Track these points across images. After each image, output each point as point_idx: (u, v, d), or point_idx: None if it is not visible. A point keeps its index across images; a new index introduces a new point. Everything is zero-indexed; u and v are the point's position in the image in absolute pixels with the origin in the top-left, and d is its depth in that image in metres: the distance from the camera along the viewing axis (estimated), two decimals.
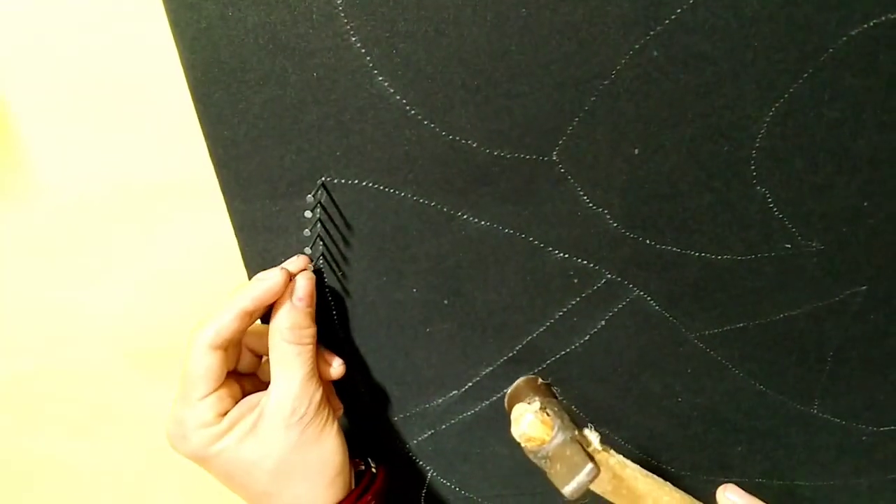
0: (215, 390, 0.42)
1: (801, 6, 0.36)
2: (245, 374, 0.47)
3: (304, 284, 0.43)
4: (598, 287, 0.45)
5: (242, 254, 0.45)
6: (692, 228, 0.43)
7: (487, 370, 0.49)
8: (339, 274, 0.46)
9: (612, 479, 0.43)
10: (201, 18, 0.38)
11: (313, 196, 0.42)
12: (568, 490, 0.39)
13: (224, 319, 0.41)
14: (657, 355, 0.48)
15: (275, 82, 0.39)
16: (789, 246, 0.43)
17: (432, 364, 0.49)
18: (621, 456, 0.44)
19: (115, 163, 0.46)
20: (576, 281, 0.45)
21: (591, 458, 0.40)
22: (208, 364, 0.41)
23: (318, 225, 0.43)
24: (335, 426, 0.45)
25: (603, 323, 0.47)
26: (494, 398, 0.50)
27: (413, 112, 0.39)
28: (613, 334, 0.47)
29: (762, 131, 0.39)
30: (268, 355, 0.44)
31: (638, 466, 0.44)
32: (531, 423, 0.42)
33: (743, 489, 0.46)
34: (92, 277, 0.52)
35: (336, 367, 0.46)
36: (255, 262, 0.45)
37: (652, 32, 0.37)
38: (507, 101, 0.39)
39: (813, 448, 0.51)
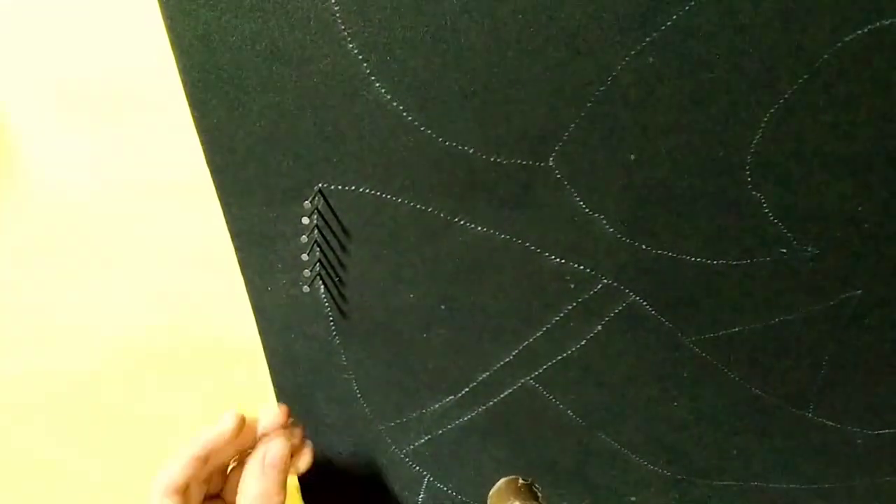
0: None
1: (797, 12, 0.36)
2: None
3: (277, 449, 0.43)
4: (595, 292, 0.45)
5: (239, 260, 0.45)
6: (688, 233, 0.43)
7: (484, 375, 0.49)
8: (336, 280, 0.46)
9: None
10: (199, 25, 0.38)
11: (310, 202, 0.42)
12: None
13: (176, 467, 0.43)
14: (653, 360, 0.48)
15: (272, 89, 0.39)
16: (784, 251, 0.43)
17: (429, 369, 0.49)
18: None
19: (112, 166, 0.46)
20: (572, 286, 0.45)
21: None
22: None
23: (315, 231, 0.43)
24: None
25: (599, 328, 0.47)
26: (490, 403, 0.50)
27: (410, 118, 0.40)
28: (610, 339, 0.47)
29: (758, 137, 0.39)
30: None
31: None
32: None
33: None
34: (87, 278, 0.52)
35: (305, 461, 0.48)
36: (252, 268, 0.45)
37: (648, 39, 0.37)
38: (504, 107, 0.39)
39: (808, 451, 0.52)
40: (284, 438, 0.44)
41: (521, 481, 0.45)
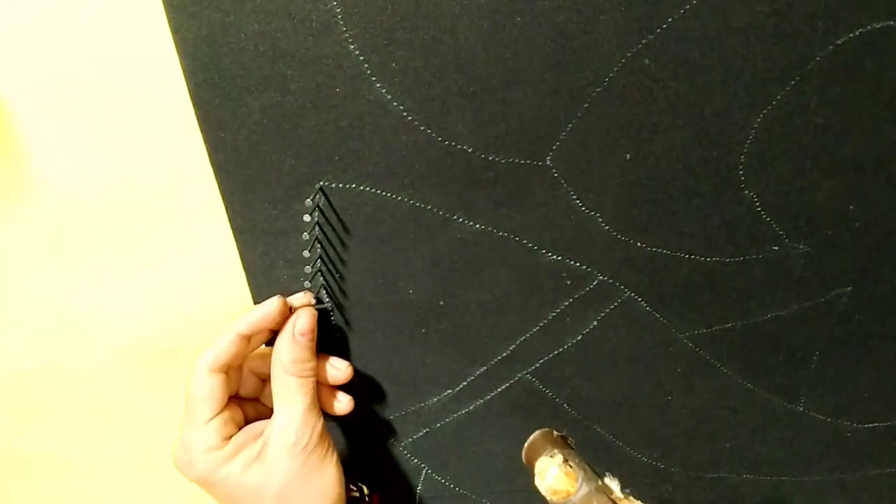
0: (219, 413, 0.43)
1: (789, 16, 0.37)
2: (248, 399, 0.48)
3: (306, 320, 0.45)
4: (591, 288, 0.46)
5: (241, 257, 0.46)
6: (682, 231, 0.43)
7: (481, 370, 0.50)
8: (337, 276, 0.46)
9: None
10: (202, 25, 0.38)
11: (312, 200, 0.43)
12: None
13: (221, 343, 0.43)
14: (648, 355, 0.49)
15: (274, 88, 0.40)
16: (777, 248, 0.44)
17: (428, 364, 0.50)
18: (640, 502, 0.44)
19: (115, 165, 0.47)
20: (569, 282, 0.46)
21: None
22: (209, 387, 0.43)
23: (317, 228, 0.44)
24: (335, 457, 0.46)
25: (595, 323, 0.48)
26: (488, 397, 0.51)
27: (410, 118, 0.40)
28: (605, 334, 0.48)
29: (750, 137, 0.40)
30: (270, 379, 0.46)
31: None
32: (556, 477, 0.41)
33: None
34: (91, 277, 0.52)
35: (344, 404, 0.48)
36: (254, 265, 0.46)
37: (644, 41, 0.38)
38: (503, 107, 0.40)
39: (799, 444, 0.52)
40: (312, 310, 0.45)
41: (555, 433, 0.46)
